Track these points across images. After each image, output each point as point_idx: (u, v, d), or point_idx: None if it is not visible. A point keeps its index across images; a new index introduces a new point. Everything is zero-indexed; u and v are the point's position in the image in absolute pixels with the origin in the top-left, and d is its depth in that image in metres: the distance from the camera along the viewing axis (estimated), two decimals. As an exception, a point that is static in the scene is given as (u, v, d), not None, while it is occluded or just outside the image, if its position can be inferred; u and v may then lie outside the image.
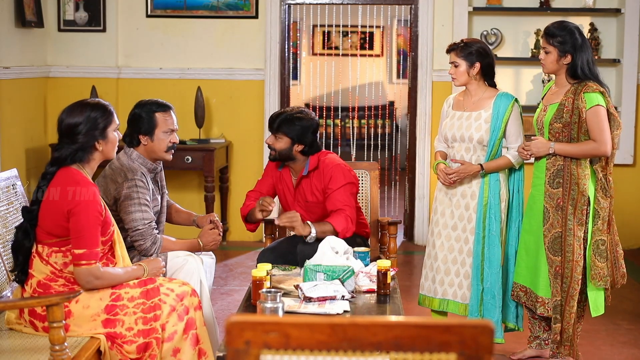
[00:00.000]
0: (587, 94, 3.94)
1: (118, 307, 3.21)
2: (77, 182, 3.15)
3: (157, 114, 3.86)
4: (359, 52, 11.37)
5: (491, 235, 4.14)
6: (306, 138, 4.13)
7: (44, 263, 3.20)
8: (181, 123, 6.82)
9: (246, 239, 7.01)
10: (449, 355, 1.59)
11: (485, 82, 4.24)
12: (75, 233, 3.12)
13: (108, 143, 3.29)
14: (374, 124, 10.81)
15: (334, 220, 4.04)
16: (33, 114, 6.67)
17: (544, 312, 4.08)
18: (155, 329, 3.21)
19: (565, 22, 4.10)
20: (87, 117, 3.23)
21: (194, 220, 4.18)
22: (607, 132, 3.94)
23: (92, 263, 3.13)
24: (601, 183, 4.00)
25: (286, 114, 4.15)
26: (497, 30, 6.81)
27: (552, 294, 4.01)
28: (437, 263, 4.29)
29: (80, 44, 6.89)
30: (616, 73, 6.81)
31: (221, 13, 6.89)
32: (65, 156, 3.21)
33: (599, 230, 3.99)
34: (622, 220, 6.83)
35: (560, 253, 3.99)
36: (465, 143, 4.19)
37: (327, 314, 3.22)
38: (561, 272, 3.99)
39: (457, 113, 4.27)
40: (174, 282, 3.39)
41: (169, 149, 3.89)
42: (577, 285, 3.98)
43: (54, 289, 3.20)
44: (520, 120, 4.21)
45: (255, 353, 1.59)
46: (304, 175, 4.19)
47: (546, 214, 4.02)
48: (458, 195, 4.23)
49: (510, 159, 4.17)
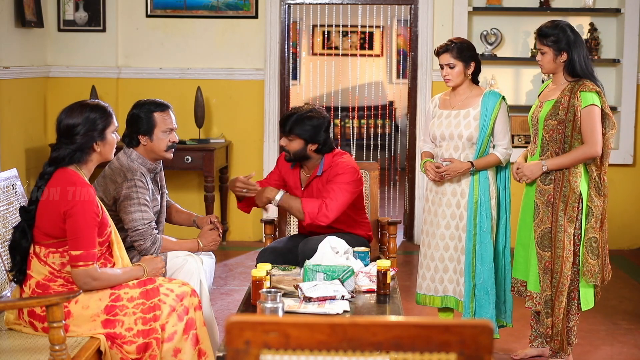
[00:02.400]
0: (583, 93, 3.96)
1: (117, 307, 3.21)
2: (74, 183, 3.15)
3: (156, 113, 3.85)
4: (358, 52, 11.37)
5: (482, 232, 4.16)
6: (319, 137, 4.11)
7: (42, 264, 3.20)
8: (181, 123, 6.83)
9: (246, 239, 7.01)
10: (449, 355, 1.59)
11: (472, 81, 4.27)
12: (72, 234, 3.11)
13: (106, 145, 3.28)
14: (374, 124, 10.80)
15: (307, 202, 4.03)
16: (33, 114, 6.67)
17: (531, 306, 4.10)
18: (155, 329, 3.20)
19: (557, 20, 4.11)
20: (85, 118, 3.23)
21: (194, 221, 4.18)
22: (599, 132, 3.96)
23: (89, 264, 3.13)
24: (595, 182, 4.02)
25: (297, 115, 4.11)
26: (496, 30, 6.81)
27: (541, 289, 4.03)
28: (434, 262, 4.30)
29: (80, 44, 6.89)
30: (616, 73, 6.81)
31: (221, 13, 6.90)
32: (63, 156, 3.21)
33: (592, 228, 4.02)
34: (622, 220, 6.84)
35: (550, 249, 4.01)
36: (454, 141, 4.21)
37: (327, 314, 3.22)
38: (551, 267, 4.01)
39: (444, 112, 4.28)
40: (173, 282, 3.39)
41: (169, 148, 3.88)
42: (567, 281, 4.00)
43: (53, 289, 3.19)
44: (507, 118, 4.24)
45: (255, 353, 1.59)
46: (317, 175, 4.18)
47: (536, 210, 4.05)
48: (448, 194, 4.25)
49: (498, 157, 4.19)
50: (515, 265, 4.25)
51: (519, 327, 4.70)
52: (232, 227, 7.04)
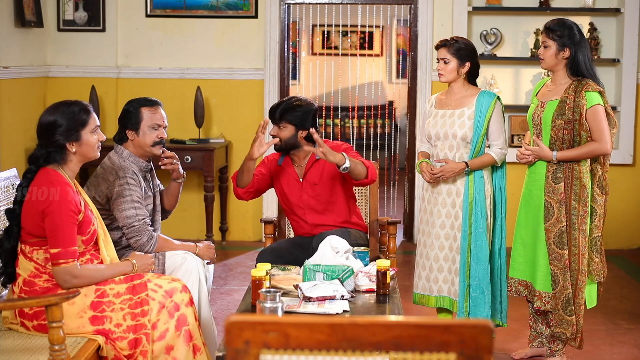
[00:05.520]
0: (588, 93, 3.98)
1: (104, 303, 3.20)
2: (51, 182, 3.15)
3: (144, 108, 3.86)
4: (358, 52, 11.37)
5: (478, 232, 4.16)
6: (308, 123, 4.22)
7: (27, 260, 3.21)
8: (181, 123, 6.85)
9: (246, 239, 7.01)
10: (449, 355, 1.59)
11: (468, 82, 4.28)
12: (50, 232, 3.12)
13: (83, 145, 3.26)
14: (374, 123, 10.80)
15: (364, 161, 4.16)
16: (33, 114, 6.66)
17: (540, 305, 4.10)
18: (144, 324, 3.19)
19: (564, 19, 4.15)
20: (59, 116, 3.23)
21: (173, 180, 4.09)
22: (607, 131, 4.00)
23: (69, 262, 3.12)
24: (599, 180, 4.06)
25: (285, 103, 4.25)
26: (496, 30, 6.81)
27: (562, 287, 4.02)
28: (429, 262, 4.31)
29: (80, 44, 6.89)
30: (616, 73, 6.81)
31: (221, 13, 6.89)
32: (38, 156, 3.22)
33: (596, 227, 4.07)
34: (622, 220, 6.84)
35: (567, 247, 4.01)
36: (449, 140, 4.22)
37: (327, 314, 3.22)
38: (569, 265, 4.02)
39: (439, 111, 4.29)
40: (163, 278, 3.37)
41: (156, 144, 3.87)
42: (585, 278, 4.04)
43: (38, 285, 3.20)
44: (502, 118, 4.24)
45: (254, 353, 1.59)
46: (317, 159, 4.24)
47: (550, 210, 4.04)
48: (444, 193, 4.26)
49: (493, 157, 4.19)
50: (513, 265, 4.24)
51: (518, 327, 4.70)
52: (232, 227, 7.03)
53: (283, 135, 4.22)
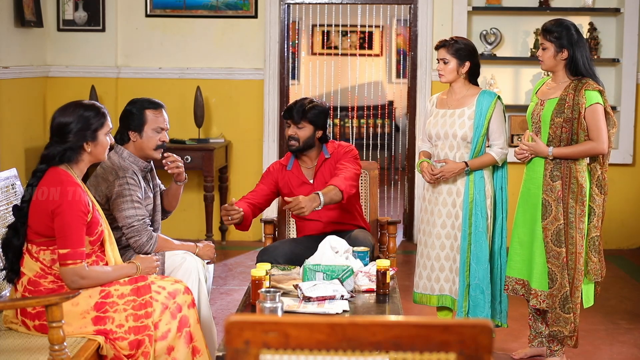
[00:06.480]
0: (588, 92, 3.98)
1: (108, 304, 3.21)
2: (62, 182, 3.15)
3: (148, 110, 3.85)
4: (358, 52, 11.36)
5: (478, 232, 4.17)
6: (325, 123, 4.29)
7: (33, 260, 3.20)
8: (180, 123, 6.85)
9: (245, 239, 7.01)
10: (449, 355, 1.59)
11: (469, 81, 4.28)
12: (59, 233, 3.12)
13: (98, 145, 3.28)
14: (373, 123, 10.80)
15: (334, 181, 4.04)
16: (32, 114, 6.67)
17: (536, 304, 4.11)
18: (147, 326, 3.20)
19: (562, 19, 4.15)
20: (79, 117, 3.24)
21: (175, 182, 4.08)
22: (605, 131, 4.00)
23: (77, 262, 3.12)
24: (598, 180, 4.07)
25: (302, 103, 4.25)
26: (496, 29, 6.81)
27: (559, 286, 4.02)
28: (430, 262, 4.31)
29: (80, 44, 6.89)
30: (615, 73, 6.81)
31: (220, 13, 6.89)
32: (53, 155, 3.21)
33: (595, 227, 4.06)
34: (622, 220, 6.84)
35: (564, 245, 4.01)
36: (449, 140, 4.22)
37: (327, 314, 3.22)
38: (566, 263, 4.02)
39: (440, 111, 4.30)
40: (166, 279, 3.38)
41: (158, 148, 3.86)
42: (581, 277, 4.04)
43: (43, 286, 3.20)
44: (503, 118, 4.24)
45: (254, 353, 1.59)
46: (326, 158, 4.27)
47: (547, 208, 4.04)
48: (444, 193, 4.26)
49: (493, 156, 4.20)
50: (510, 263, 4.23)
51: (517, 327, 4.70)
52: (231, 227, 7.03)
53: (302, 134, 4.23)
